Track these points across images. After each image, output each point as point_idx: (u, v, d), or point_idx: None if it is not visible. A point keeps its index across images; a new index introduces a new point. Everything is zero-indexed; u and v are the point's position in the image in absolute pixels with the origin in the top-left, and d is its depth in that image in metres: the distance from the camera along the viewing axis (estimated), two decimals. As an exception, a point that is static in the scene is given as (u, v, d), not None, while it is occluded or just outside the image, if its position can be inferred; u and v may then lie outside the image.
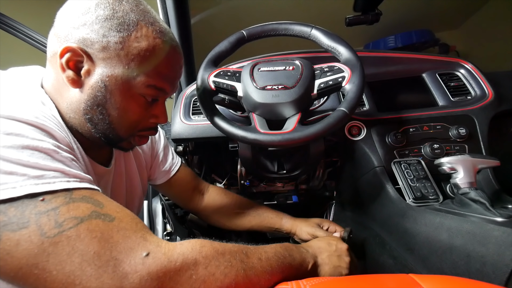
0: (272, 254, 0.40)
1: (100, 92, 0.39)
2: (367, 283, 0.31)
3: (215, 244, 0.36)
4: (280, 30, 0.60)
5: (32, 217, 0.27)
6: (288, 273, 0.40)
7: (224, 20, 1.94)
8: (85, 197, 0.31)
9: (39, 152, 0.30)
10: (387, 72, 0.79)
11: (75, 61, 0.38)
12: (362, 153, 0.69)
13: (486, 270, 0.36)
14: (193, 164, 0.90)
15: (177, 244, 0.33)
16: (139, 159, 0.63)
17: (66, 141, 0.36)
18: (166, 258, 0.30)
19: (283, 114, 0.52)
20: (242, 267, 0.35)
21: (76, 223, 0.28)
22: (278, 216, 0.73)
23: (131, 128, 0.45)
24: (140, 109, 0.43)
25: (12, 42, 0.91)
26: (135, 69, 0.39)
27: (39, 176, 0.29)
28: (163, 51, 0.41)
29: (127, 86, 0.40)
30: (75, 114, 0.41)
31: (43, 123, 0.33)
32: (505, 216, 0.41)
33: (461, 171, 0.50)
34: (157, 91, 0.43)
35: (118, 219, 0.31)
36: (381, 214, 0.64)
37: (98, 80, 0.39)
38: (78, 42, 0.38)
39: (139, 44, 0.39)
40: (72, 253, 0.27)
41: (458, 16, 2.21)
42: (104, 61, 0.38)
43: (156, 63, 0.41)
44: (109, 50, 0.38)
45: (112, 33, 0.38)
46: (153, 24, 0.41)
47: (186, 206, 0.76)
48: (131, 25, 0.39)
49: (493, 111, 0.67)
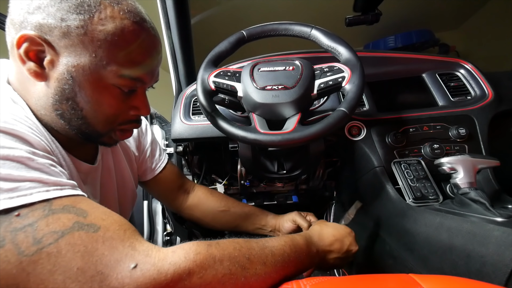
0: (279, 258, 0.37)
1: (67, 85, 0.35)
2: (367, 283, 0.31)
3: (212, 249, 0.33)
4: (280, 30, 0.60)
5: (7, 235, 0.25)
6: (291, 273, 0.39)
7: (224, 20, 1.94)
8: (67, 206, 0.29)
9: (10, 162, 0.27)
10: (387, 72, 0.79)
11: (36, 51, 0.34)
12: (362, 153, 0.69)
13: (486, 270, 0.36)
14: (193, 164, 0.90)
15: (169, 252, 0.30)
16: (128, 152, 0.60)
17: (42, 145, 0.33)
18: (155, 270, 0.28)
19: (283, 114, 0.52)
20: (243, 275, 0.32)
21: (57, 237, 0.26)
22: (263, 214, 0.72)
23: (108, 122, 0.40)
24: (115, 101, 0.39)
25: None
26: (103, 57, 0.35)
27: (13, 189, 0.26)
28: (133, 34, 0.36)
29: (97, 76, 0.35)
30: (45, 110, 0.37)
31: (13, 127, 0.30)
32: (505, 216, 0.41)
33: (461, 171, 0.50)
34: (133, 81, 0.38)
35: (104, 228, 0.29)
36: (381, 214, 0.64)
37: (63, 71, 0.34)
38: (35, 28, 0.33)
39: (104, 27, 0.34)
40: (54, 270, 0.25)
41: (458, 16, 2.21)
42: (67, 49, 0.34)
43: (127, 49, 0.36)
44: (70, 36, 0.33)
45: (71, 16, 0.33)
46: (120, 3, 0.35)
47: (170, 204, 0.73)
48: (93, 6, 0.33)
49: (493, 111, 0.67)
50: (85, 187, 0.46)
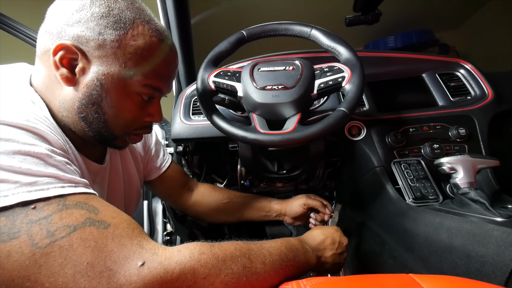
0: (277, 257, 0.39)
1: (95, 91, 0.39)
2: (367, 283, 0.31)
3: (215, 249, 0.34)
4: (280, 30, 0.60)
5: (23, 226, 0.26)
6: (291, 274, 0.41)
7: (224, 20, 1.94)
8: (80, 203, 0.30)
9: (31, 157, 0.29)
10: (387, 72, 0.79)
11: (69, 59, 0.37)
12: (362, 153, 0.69)
13: (486, 270, 0.36)
14: (193, 164, 0.90)
15: (175, 251, 0.32)
16: (134, 153, 0.62)
17: (59, 144, 0.35)
18: (162, 268, 0.29)
19: (283, 114, 0.52)
20: (244, 274, 0.34)
21: (69, 231, 0.27)
22: (266, 200, 0.74)
23: (126, 126, 0.44)
24: (136, 107, 0.43)
25: (12, 42, 0.91)
26: (132, 68, 0.39)
27: (32, 183, 0.28)
28: (159, 50, 0.41)
29: (124, 84, 0.40)
30: (68, 112, 0.40)
31: (34, 126, 0.32)
32: (505, 216, 0.41)
33: (461, 171, 0.50)
34: (153, 90, 0.43)
35: (114, 226, 0.30)
36: (381, 214, 0.64)
37: (93, 79, 0.38)
38: (73, 39, 0.37)
39: (136, 43, 0.39)
40: (65, 264, 0.26)
41: (458, 16, 2.21)
42: (100, 59, 0.38)
43: (152, 62, 0.40)
44: (105, 48, 0.37)
45: (108, 31, 0.37)
46: (149, 23, 0.40)
47: (175, 203, 0.75)
48: (127, 23, 0.38)
49: (493, 111, 0.68)
50: (94, 187, 0.48)
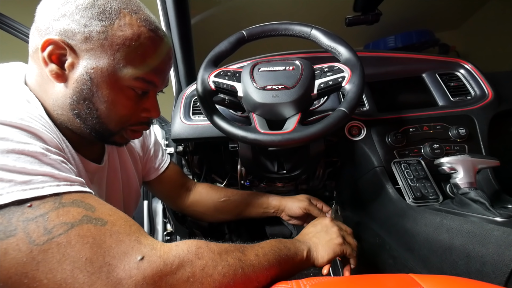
0: (268, 249, 0.40)
1: (85, 86, 0.38)
2: (367, 283, 0.31)
3: (211, 244, 0.35)
4: (280, 30, 0.60)
5: (19, 224, 0.26)
6: (285, 265, 0.41)
7: (224, 20, 1.94)
8: (76, 201, 0.30)
9: (25, 156, 0.29)
10: (387, 72, 0.79)
11: (58, 54, 0.37)
12: (362, 153, 0.69)
13: (486, 270, 0.36)
14: (193, 164, 0.90)
15: (173, 246, 0.32)
16: (133, 153, 0.62)
17: (54, 142, 0.35)
18: (161, 261, 0.30)
19: (283, 114, 0.52)
20: (240, 266, 0.35)
21: (66, 229, 0.27)
22: (264, 196, 0.74)
23: (121, 122, 0.43)
24: (129, 102, 0.42)
25: (12, 41, 0.91)
26: (121, 60, 0.38)
27: (27, 182, 0.28)
28: (150, 41, 0.39)
29: (114, 78, 0.38)
30: (62, 110, 0.40)
31: (29, 124, 0.32)
32: (505, 216, 0.41)
33: (461, 171, 0.50)
34: (146, 84, 0.41)
35: (111, 223, 0.30)
36: (381, 214, 0.64)
37: (83, 73, 0.37)
38: (60, 34, 0.36)
39: (123, 33, 0.37)
40: (63, 260, 0.26)
41: (458, 16, 2.21)
42: (88, 52, 0.37)
43: (143, 53, 0.39)
44: (92, 40, 0.36)
45: (93, 22, 0.36)
46: (137, 12, 0.39)
47: (173, 203, 0.75)
48: (113, 13, 0.37)
49: (493, 111, 0.68)
50: (92, 186, 0.47)
